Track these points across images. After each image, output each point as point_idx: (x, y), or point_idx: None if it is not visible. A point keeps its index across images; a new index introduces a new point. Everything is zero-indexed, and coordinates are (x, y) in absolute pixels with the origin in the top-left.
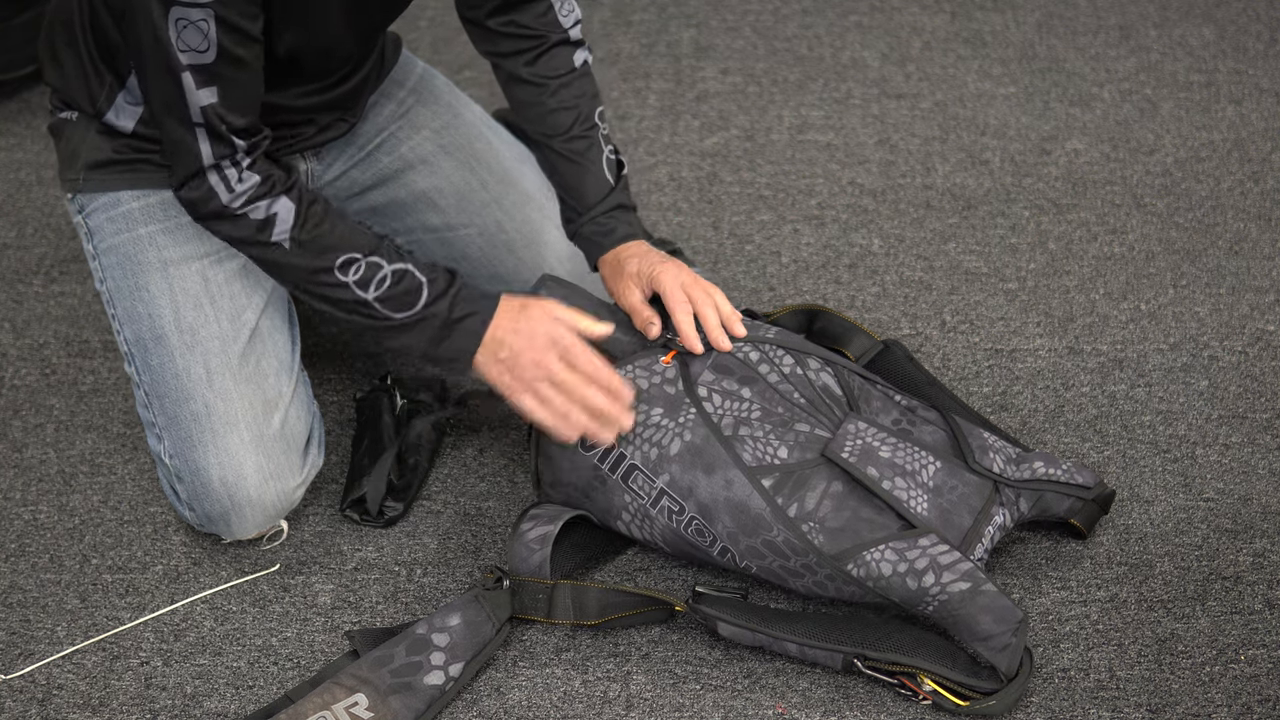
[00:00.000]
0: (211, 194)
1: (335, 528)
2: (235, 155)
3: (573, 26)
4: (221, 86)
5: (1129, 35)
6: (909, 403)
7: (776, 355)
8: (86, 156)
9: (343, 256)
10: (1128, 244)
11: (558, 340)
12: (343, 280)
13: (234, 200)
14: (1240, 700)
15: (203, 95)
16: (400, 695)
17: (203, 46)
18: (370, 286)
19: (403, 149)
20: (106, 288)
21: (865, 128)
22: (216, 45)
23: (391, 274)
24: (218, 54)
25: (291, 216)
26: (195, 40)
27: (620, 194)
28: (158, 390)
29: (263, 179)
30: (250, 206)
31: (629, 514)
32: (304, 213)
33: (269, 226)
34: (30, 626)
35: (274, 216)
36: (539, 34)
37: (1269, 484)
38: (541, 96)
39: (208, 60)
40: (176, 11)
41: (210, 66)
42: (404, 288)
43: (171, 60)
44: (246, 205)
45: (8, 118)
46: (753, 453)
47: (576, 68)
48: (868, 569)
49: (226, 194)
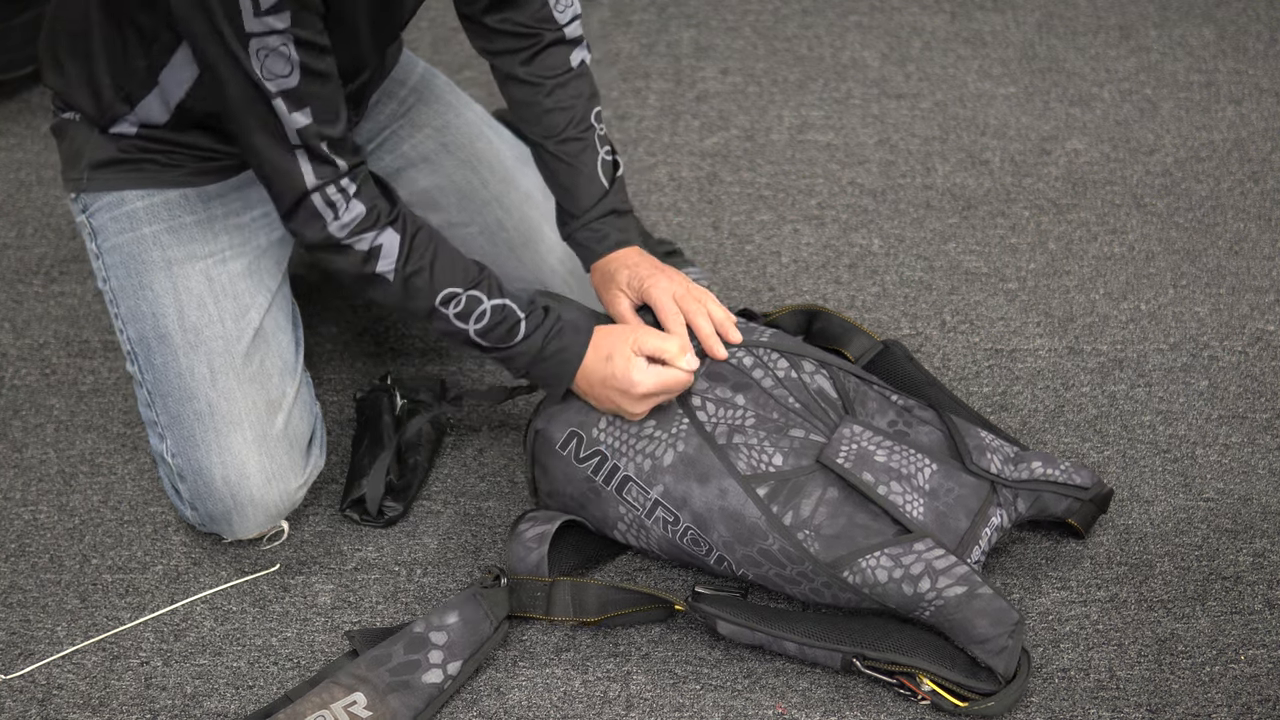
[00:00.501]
0: (318, 219)
1: (335, 528)
2: (339, 179)
3: (569, 24)
4: (313, 106)
5: (1129, 35)
6: (905, 402)
7: (771, 359)
8: (90, 156)
9: (444, 291)
10: (1128, 244)
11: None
12: (444, 313)
13: (340, 230)
14: (1240, 700)
15: (297, 119)
16: (399, 694)
17: (286, 71)
18: (470, 320)
19: (404, 147)
20: (110, 287)
21: (865, 128)
22: (300, 66)
23: (491, 309)
24: (302, 74)
25: (396, 249)
26: (280, 67)
27: (614, 198)
28: (161, 389)
29: (368, 210)
30: (356, 238)
31: (624, 524)
32: (408, 245)
33: (373, 259)
34: (30, 626)
35: (378, 249)
36: (534, 31)
37: (1269, 484)
38: (537, 96)
39: (294, 84)
40: (255, 42)
41: (298, 89)
42: (503, 324)
43: (262, 90)
44: (352, 236)
45: (8, 118)
46: (747, 461)
47: (573, 67)
48: (863, 576)
49: (333, 222)
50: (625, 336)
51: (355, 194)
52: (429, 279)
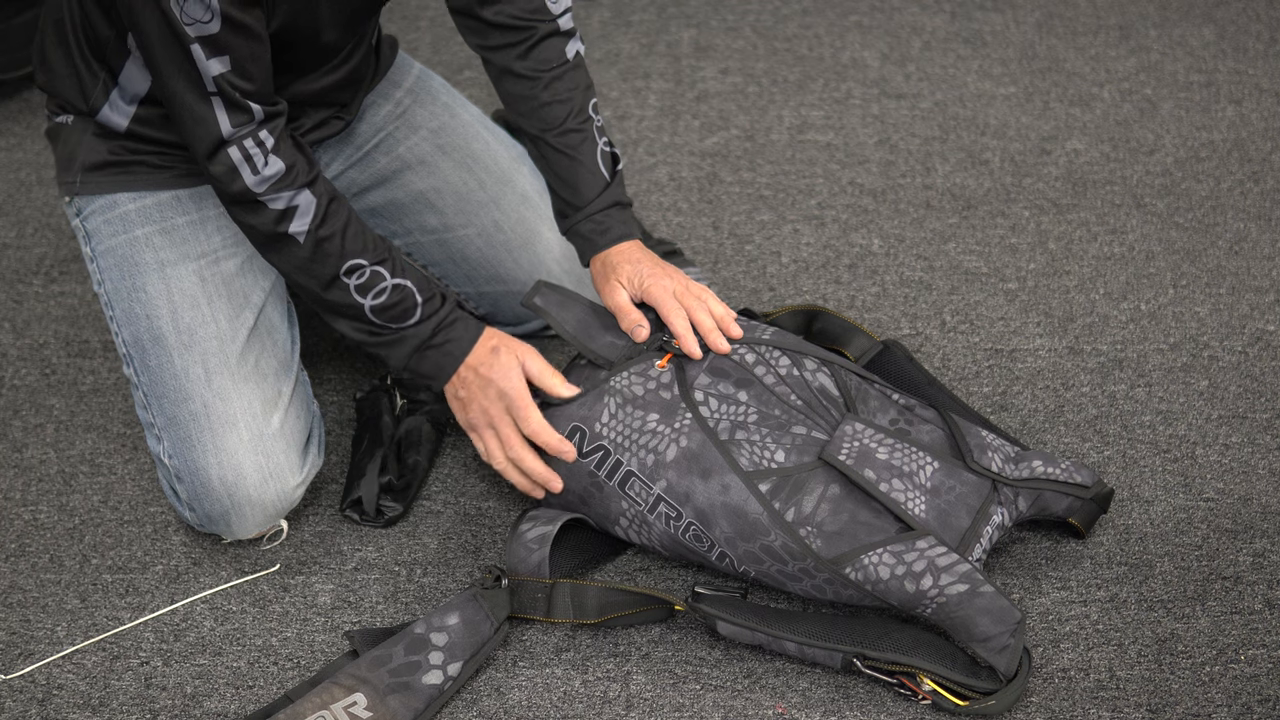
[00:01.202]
0: (235, 173)
1: (335, 528)
2: (255, 129)
3: (562, 15)
4: (232, 55)
5: (1129, 35)
6: (907, 401)
7: (773, 357)
8: (83, 159)
9: (352, 260)
10: (1128, 244)
11: (510, 396)
12: (345, 283)
13: (258, 184)
14: (1240, 700)
15: (214, 65)
16: (399, 695)
17: (206, 17)
18: (369, 294)
19: (400, 149)
20: (104, 290)
21: (865, 128)
22: (219, 14)
23: (392, 287)
24: (222, 22)
25: (311, 210)
26: (198, 11)
27: (616, 190)
28: (156, 391)
29: (288, 167)
30: (272, 195)
31: (626, 520)
32: (324, 209)
33: (286, 218)
34: (30, 626)
35: (294, 209)
36: (529, 24)
37: (1269, 484)
38: (534, 90)
39: (214, 30)
40: None
41: (217, 36)
42: (400, 301)
43: (179, 34)
44: (269, 193)
45: (8, 118)
46: (749, 457)
47: (569, 59)
48: (865, 573)
49: (251, 176)
50: (518, 343)
51: (274, 149)
52: (340, 245)
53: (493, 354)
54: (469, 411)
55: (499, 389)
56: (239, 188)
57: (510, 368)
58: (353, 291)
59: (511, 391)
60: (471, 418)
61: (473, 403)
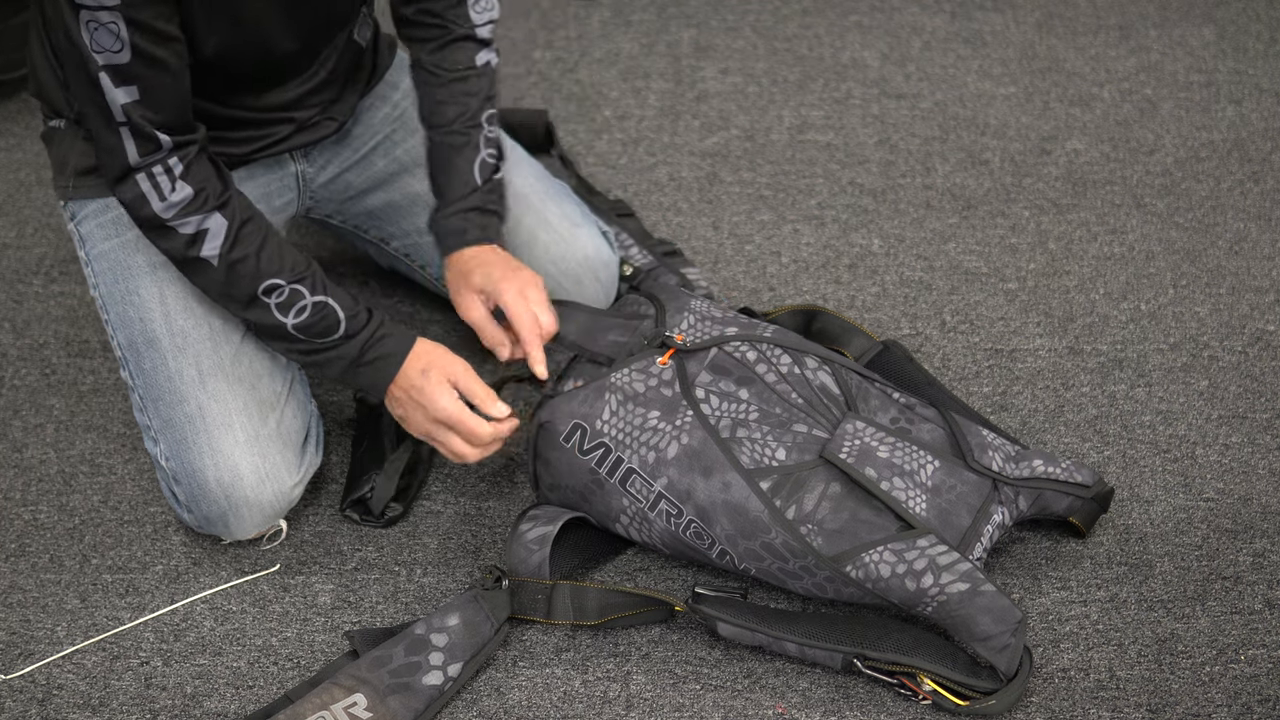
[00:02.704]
0: (143, 200)
1: (335, 528)
2: (164, 157)
3: (483, 25)
4: (140, 85)
5: (1129, 35)
6: (907, 400)
7: (774, 354)
8: (75, 163)
9: (267, 281)
10: (1128, 244)
11: (450, 420)
12: (265, 302)
13: (165, 210)
14: (1240, 700)
15: (120, 94)
16: (399, 695)
17: (116, 47)
18: (290, 313)
19: (398, 152)
20: (99, 293)
21: (865, 128)
22: (130, 45)
23: (312, 305)
24: (132, 54)
25: (222, 233)
26: (108, 41)
27: (483, 196)
28: (152, 394)
29: (195, 192)
30: (180, 221)
31: (627, 517)
32: (235, 232)
33: (198, 242)
34: (30, 626)
35: (204, 233)
36: (444, 25)
37: (1269, 484)
38: (433, 86)
39: (123, 60)
40: (86, 14)
41: (126, 67)
42: (321, 319)
43: (88, 61)
44: (177, 219)
45: (8, 118)
46: (750, 455)
47: (476, 66)
48: (866, 571)
49: (158, 202)
50: (448, 360)
51: (183, 175)
52: (254, 266)
53: (423, 376)
54: (411, 427)
55: (433, 415)
56: (147, 213)
57: (440, 391)
58: (273, 310)
59: (448, 417)
60: (416, 433)
61: (411, 420)
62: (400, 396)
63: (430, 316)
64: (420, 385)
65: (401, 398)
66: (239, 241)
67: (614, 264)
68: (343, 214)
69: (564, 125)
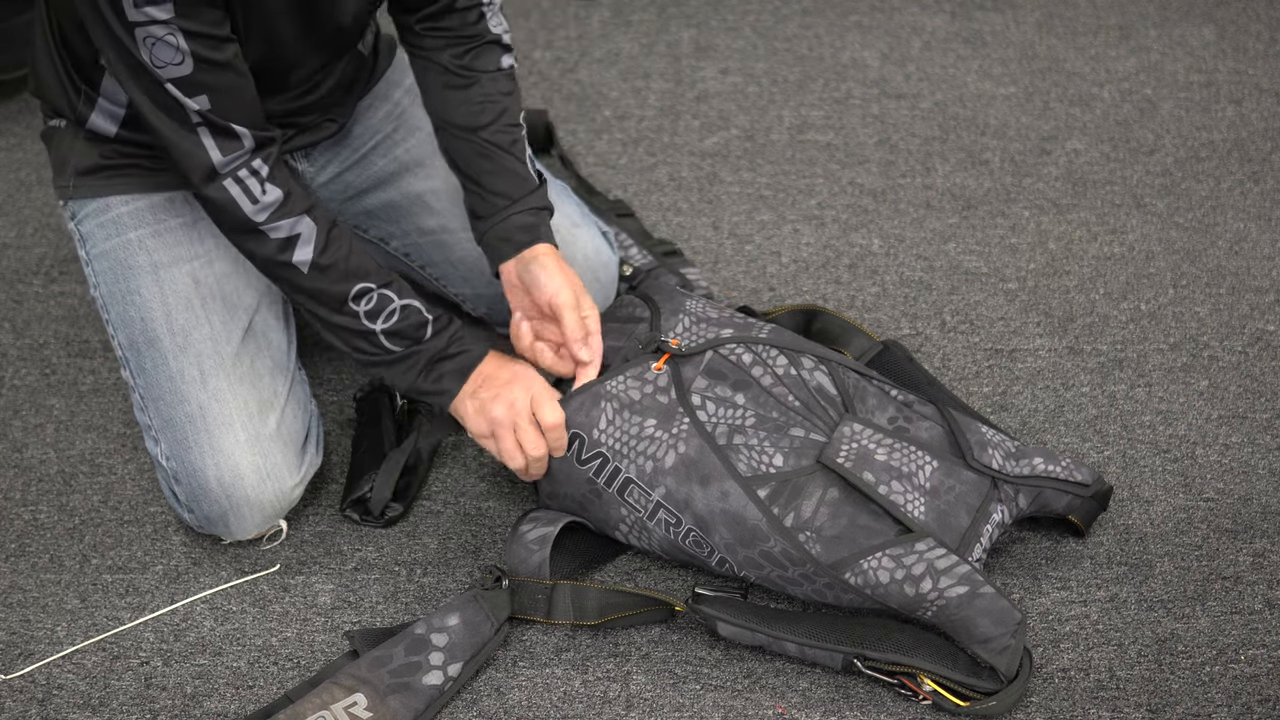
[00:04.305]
0: (233, 204)
1: (335, 528)
2: (248, 158)
3: (503, 34)
4: (210, 94)
5: (1129, 35)
6: (905, 398)
7: (770, 356)
8: (75, 163)
9: (358, 285)
10: (1128, 244)
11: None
12: (354, 309)
13: (258, 213)
14: (1240, 700)
15: (193, 104)
16: (399, 695)
17: (177, 60)
18: (379, 319)
19: (397, 151)
20: (100, 293)
21: (865, 128)
22: (191, 55)
23: (401, 309)
24: (195, 63)
25: (314, 238)
26: (168, 55)
27: (544, 195)
28: (152, 394)
29: (285, 195)
30: (273, 224)
31: (626, 526)
32: (325, 236)
33: (290, 247)
34: (30, 626)
35: (296, 237)
36: (469, 36)
37: (1269, 484)
38: (468, 89)
39: (186, 71)
40: (140, 31)
41: (191, 77)
42: (410, 323)
43: (154, 76)
44: (269, 222)
45: (8, 118)
46: (748, 462)
47: (503, 68)
48: (865, 577)
49: (250, 205)
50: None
51: (269, 177)
52: (345, 271)
53: (510, 368)
54: (491, 411)
55: (526, 384)
56: (239, 217)
57: (528, 377)
58: (362, 317)
59: (539, 387)
60: (496, 415)
61: (498, 400)
62: (490, 375)
63: None
64: (509, 363)
65: (492, 375)
66: (330, 246)
67: (614, 264)
68: (343, 213)
69: (564, 125)
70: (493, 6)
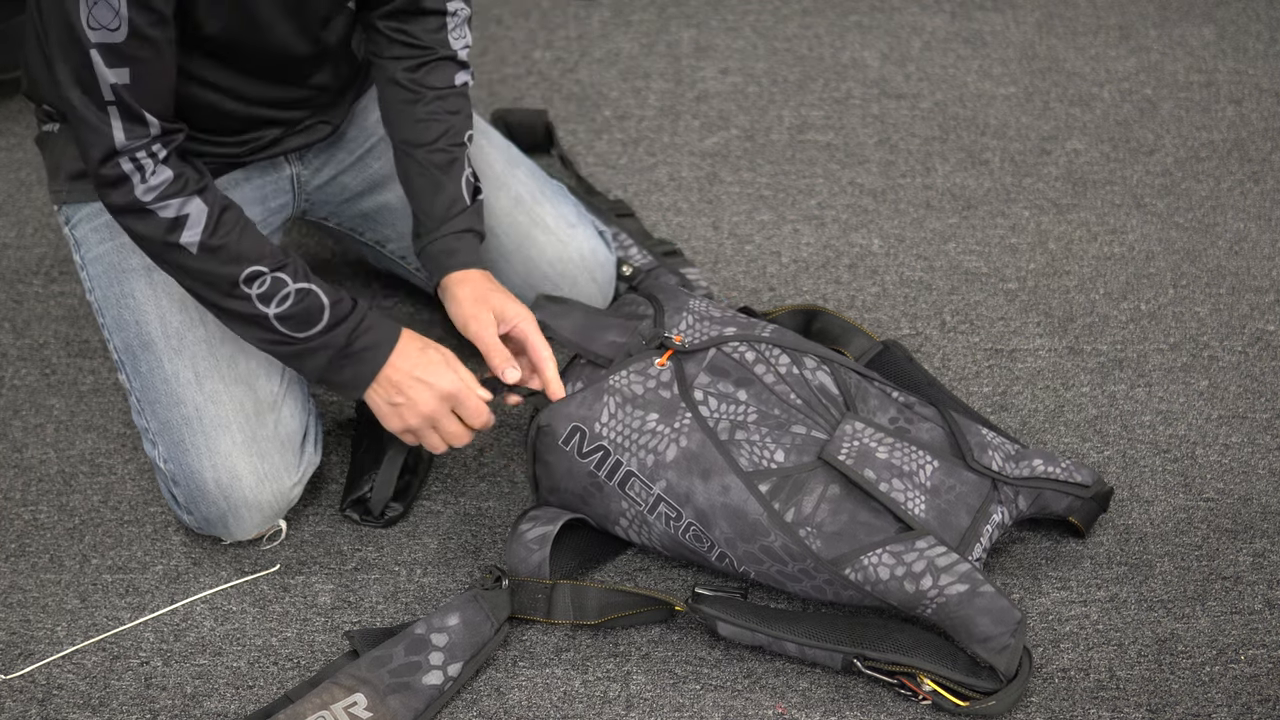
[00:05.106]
0: (125, 181)
1: (335, 528)
2: (150, 142)
3: (461, 50)
4: (132, 69)
5: (1129, 35)
6: (906, 399)
7: (772, 355)
8: (68, 167)
9: (249, 269)
10: (1128, 244)
11: (457, 396)
12: (246, 292)
13: (147, 193)
14: (1240, 700)
15: (111, 75)
16: (399, 695)
17: (114, 24)
18: (272, 302)
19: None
20: (95, 297)
21: (865, 128)
22: (128, 23)
23: (295, 292)
24: (129, 32)
25: (203, 219)
26: (106, 17)
27: (472, 217)
28: (149, 396)
29: (176, 175)
30: (161, 204)
31: (626, 520)
32: (215, 218)
33: (179, 227)
34: (30, 626)
35: (185, 217)
36: (425, 47)
37: (1269, 484)
38: (414, 105)
39: (118, 39)
40: None
41: (121, 46)
42: (305, 307)
43: (81, 37)
44: (158, 201)
45: (8, 118)
46: (749, 457)
47: (455, 85)
48: (865, 573)
49: (140, 184)
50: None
51: (164, 159)
52: (235, 252)
53: (422, 354)
54: (406, 417)
55: (441, 391)
56: (128, 199)
57: (444, 366)
58: (255, 301)
59: (457, 391)
60: (411, 423)
61: (411, 408)
62: (398, 380)
63: (431, 318)
64: (423, 362)
65: (400, 381)
66: (219, 227)
67: (610, 264)
68: (338, 216)
69: (564, 125)
70: (457, 18)
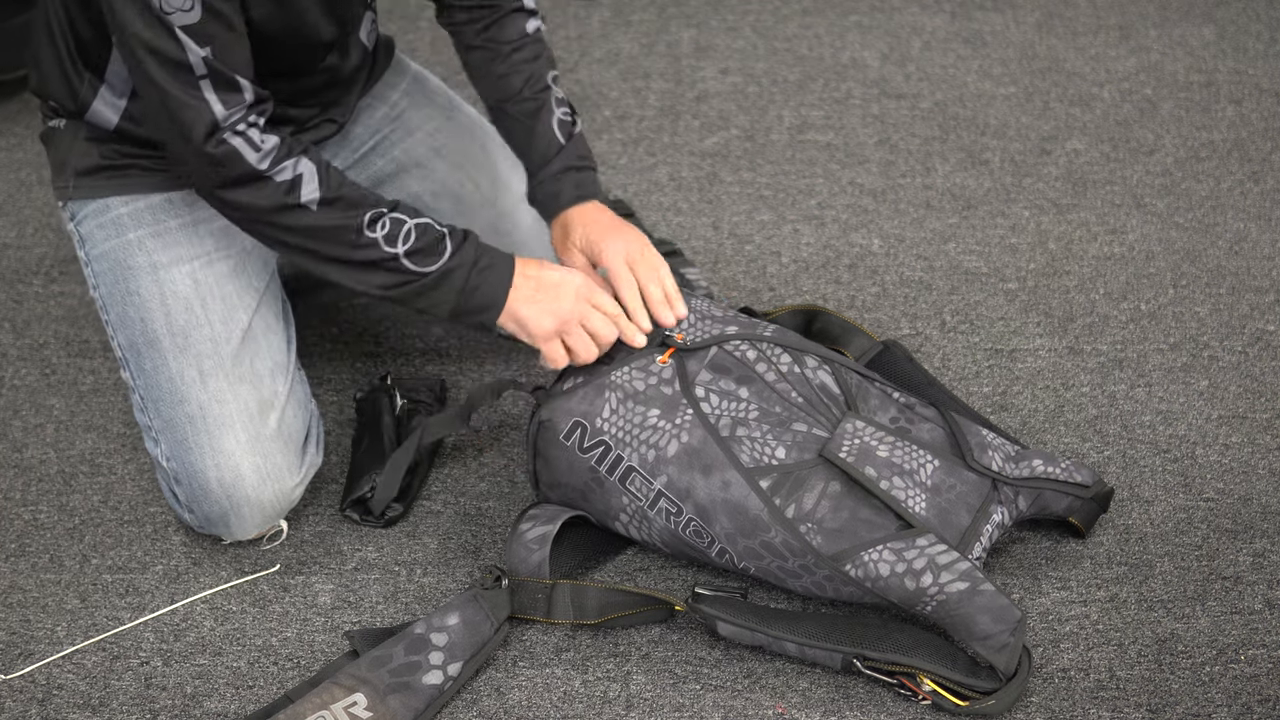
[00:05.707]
0: (237, 155)
1: (335, 528)
2: (246, 112)
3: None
4: (213, 46)
5: (1129, 35)
6: (907, 400)
7: (774, 353)
8: (75, 164)
9: (370, 212)
10: (1128, 244)
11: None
12: (371, 237)
13: (263, 160)
14: (1240, 700)
15: (201, 50)
16: (399, 695)
17: (187, 6)
18: (399, 241)
19: (396, 152)
20: (99, 294)
21: (865, 128)
22: (200, 3)
23: (415, 227)
24: (203, 11)
25: (315, 175)
26: (178, 1)
27: (569, 155)
28: (152, 394)
29: (281, 140)
30: (278, 168)
31: (627, 515)
32: (325, 171)
33: (296, 188)
34: (30, 626)
35: (300, 177)
36: (493, 5)
37: (1269, 484)
38: (493, 62)
39: (194, 19)
40: None
41: (198, 26)
42: (429, 239)
43: (165, 23)
44: (274, 166)
45: (8, 118)
46: (750, 453)
47: (528, 33)
48: (866, 570)
49: (253, 153)
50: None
51: (264, 128)
52: (353, 199)
53: (540, 264)
54: (555, 312)
55: (576, 281)
56: (244, 168)
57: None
58: (382, 243)
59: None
60: (563, 313)
61: (554, 303)
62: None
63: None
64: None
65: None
66: (330, 178)
67: None
68: None
69: None
70: None
